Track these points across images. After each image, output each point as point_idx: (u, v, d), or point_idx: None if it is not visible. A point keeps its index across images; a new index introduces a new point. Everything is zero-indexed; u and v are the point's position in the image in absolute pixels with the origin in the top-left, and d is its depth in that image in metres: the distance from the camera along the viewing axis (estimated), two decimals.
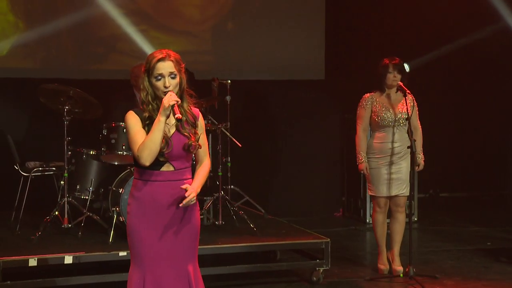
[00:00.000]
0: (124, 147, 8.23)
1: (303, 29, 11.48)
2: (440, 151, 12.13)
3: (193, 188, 5.13)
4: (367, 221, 10.72)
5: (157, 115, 5.02)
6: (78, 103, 8.21)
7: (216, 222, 8.61)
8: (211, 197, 8.70)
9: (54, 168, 8.54)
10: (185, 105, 5.24)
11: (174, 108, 4.96)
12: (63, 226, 7.94)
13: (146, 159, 5.01)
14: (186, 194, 5.11)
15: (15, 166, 8.57)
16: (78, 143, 8.55)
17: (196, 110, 5.34)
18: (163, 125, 5.03)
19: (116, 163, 8.54)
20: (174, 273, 5.24)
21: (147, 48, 10.73)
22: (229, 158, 9.30)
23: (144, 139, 5.02)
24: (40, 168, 8.48)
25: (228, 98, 9.02)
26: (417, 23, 11.78)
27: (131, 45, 10.71)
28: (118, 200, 7.92)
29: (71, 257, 7.01)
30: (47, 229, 7.90)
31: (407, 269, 7.81)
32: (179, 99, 5.04)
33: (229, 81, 9.07)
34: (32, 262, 7.06)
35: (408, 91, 7.88)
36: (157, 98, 5.08)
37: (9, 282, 7.01)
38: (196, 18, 11.08)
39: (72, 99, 7.73)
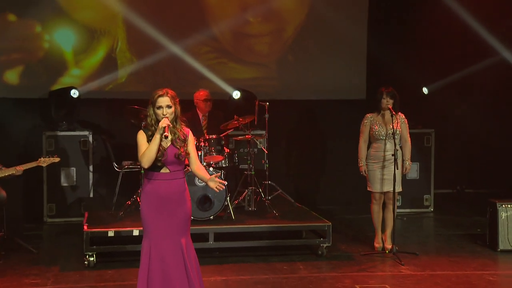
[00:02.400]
0: None
1: (348, 57, 11.34)
2: (467, 153, 11.99)
3: (212, 178, 5.66)
4: None
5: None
6: None
7: (250, 208, 8.88)
8: (247, 190, 8.95)
9: (139, 166, 8.68)
10: (177, 126, 5.65)
11: (166, 128, 5.45)
12: (140, 208, 8.45)
13: (145, 163, 5.50)
14: (220, 185, 5.64)
15: (114, 164, 9.05)
16: None
17: (186, 130, 5.75)
18: (159, 140, 5.48)
19: None
20: (171, 243, 5.66)
21: (226, 76, 10.96)
22: (267, 160, 9.38)
23: (145, 149, 5.55)
24: (126, 166, 8.92)
25: (266, 116, 9.11)
26: (446, 49, 11.47)
27: (214, 73, 10.85)
28: None
29: (138, 230, 7.51)
30: (128, 210, 8.34)
31: (391, 247, 8.15)
32: (170, 123, 5.52)
33: (267, 103, 9.10)
34: (110, 233, 7.68)
35: (394, 112, 8.04)
36: (157, 122, 5.56)
37: (94, 246, 7.63)
38: (264, 52, 11.20)
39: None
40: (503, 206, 8.33)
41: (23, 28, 10.56)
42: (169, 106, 5.58)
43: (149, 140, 5.59)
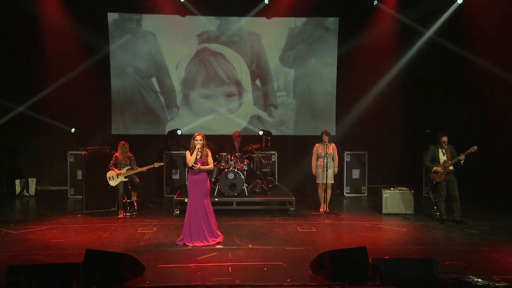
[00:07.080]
0: (223, 163, 9.45)
1: (324, 118, 11.88)
2: (390, 163, 12.24)
3: (200, 166, 6.83)
4: (344, 194, 11.39)
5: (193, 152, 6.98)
6: (215, 145, 9.92)
7: (257, 190, 9.80)
8: (255, 180, 9.79)
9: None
10: (203, 149, 7.05)
11: (197, 147, 6.95)
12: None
13: (189, 164, 6.98)
14: (200, 165, 6.75)
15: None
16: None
17: (207, 150, 7.06)
18: (195, 155, 6.96)
19: (222, 168, 9.67)
20: (199, 202, 7.09)
21: (260, 125, 11.80)
22: (269, 167, 10.60)
23: (189, 158, 6.98)
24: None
25: (269, 144, 10.08)
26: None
27: (253, 124, 11.82)
28: (218, 179, 9.44)
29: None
30: None
31: (325, 209, 9.29)
32: (200, 147, 6.97)
33: (269, 137, 10.15)
34: (186, 200, 7.84)
35: (327, 143, 9.12)
36: (194, 147, 7.01)
37: (179, 206, 8.98)
38: (284, 113, 11.81)
39: (209, 145, 7.72)
40: (385, 190, 9.62)
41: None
42: (200, 140, 7.14)
43: (191, 154, 7.17)
